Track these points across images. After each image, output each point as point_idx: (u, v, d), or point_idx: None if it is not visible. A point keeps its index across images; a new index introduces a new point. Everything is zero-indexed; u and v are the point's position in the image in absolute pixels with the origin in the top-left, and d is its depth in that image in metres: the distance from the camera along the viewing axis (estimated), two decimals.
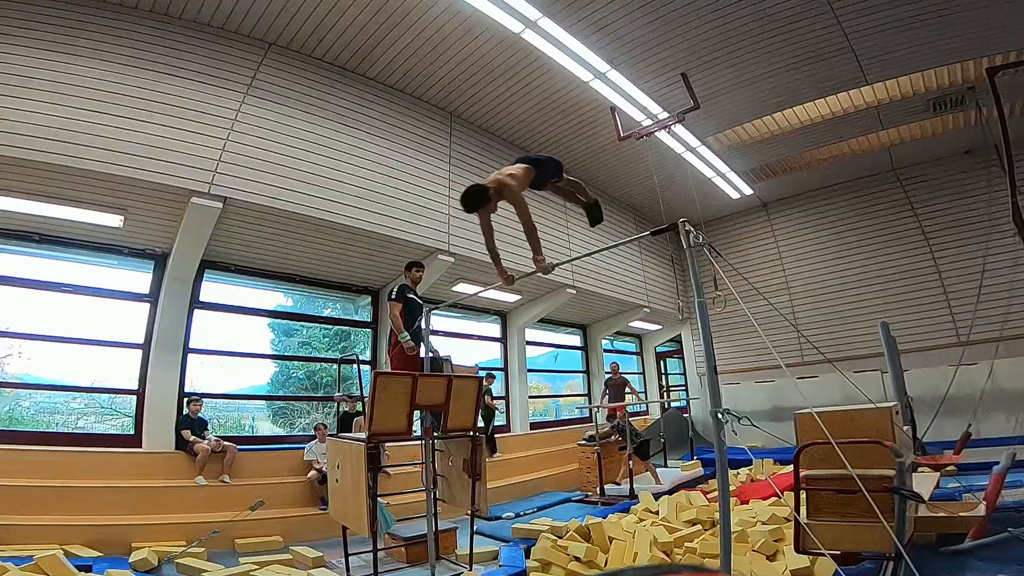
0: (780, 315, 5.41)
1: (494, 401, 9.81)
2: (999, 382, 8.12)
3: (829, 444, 3.29)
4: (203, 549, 5.10)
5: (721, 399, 2.99)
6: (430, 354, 5.42)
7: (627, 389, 10.96)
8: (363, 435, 4.49)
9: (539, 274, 4.40)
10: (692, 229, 3.14)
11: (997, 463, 4.78)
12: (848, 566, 3.72)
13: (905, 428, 3.84)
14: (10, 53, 5.22)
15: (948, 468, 6.41)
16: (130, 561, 4.58)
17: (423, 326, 5.51)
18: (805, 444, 3.47)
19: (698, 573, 0.63)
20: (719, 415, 2.88)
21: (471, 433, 4.99)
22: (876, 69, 7.91)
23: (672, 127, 8.38)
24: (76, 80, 5.49)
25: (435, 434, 4.97)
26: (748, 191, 11.99)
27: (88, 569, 4.04)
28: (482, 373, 7.63)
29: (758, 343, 12.40)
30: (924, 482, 4.91)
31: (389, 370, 5.42)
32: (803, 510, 3.48)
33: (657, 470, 9.72)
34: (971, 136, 9.82)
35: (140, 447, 6.26)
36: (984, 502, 4.37)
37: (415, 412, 4.67)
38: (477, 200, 4.03)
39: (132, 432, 6.47)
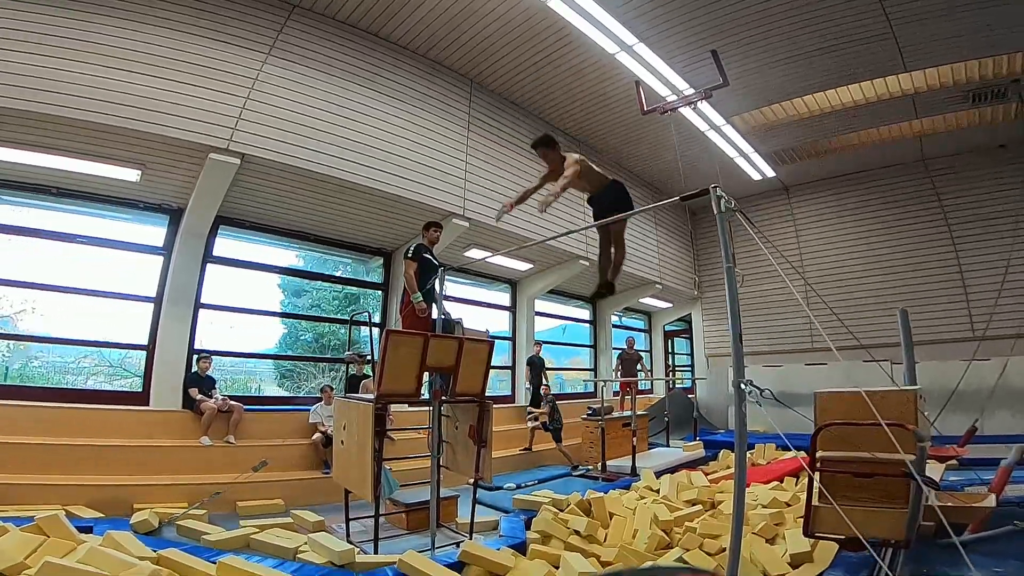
0: (819, 297, 5.32)
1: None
2: (1009, 380, 8.03)
3: (847, 425, 3.24)
4: (204, 511, 5.12)
5: (744, 371, 2.93)
6: (442, 316, 5.37)
7: (639, 366, 11.00)
8: (371, 396, 4.49)
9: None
10: (724, 194, 3.05)
11: (1000, 459, 4.76)
12: (853, 551, 3.73)
13: (926, 415, 3.79)
14: (30, 11, 5.18)
15: (950, 462, 6.40)
16: (131, 522, 4.58)
17: (437, 288, 5.46)
18: (825, 423, 3.41)
19: (696, 574, 0.62)
20: (742, 386, 2.82)
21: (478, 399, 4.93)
22: (916, 56, 7.67)
23: (697, 104, 8.20)
24: (97, 36, 5.46)
25: (443, 397, 4.94)
26: (770, 173, 11.81)
27: (89, 530, 4.00)
28: (493, 335, 7.70)
29: (768, 326, 12.39)
30: (930, 472, 4.89)
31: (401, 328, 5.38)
32: (814, 493, 3.45)
33: (659, 450, 9.82)
34: (1008, 130, 9.58)
35: (147, 405, 6.33)
36: (992, 494, 4.35)
37: (424, 374, 4.63)
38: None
39: (140, 390, 6.54)
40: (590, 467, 8.52)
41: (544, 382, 9.81)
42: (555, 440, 8.86)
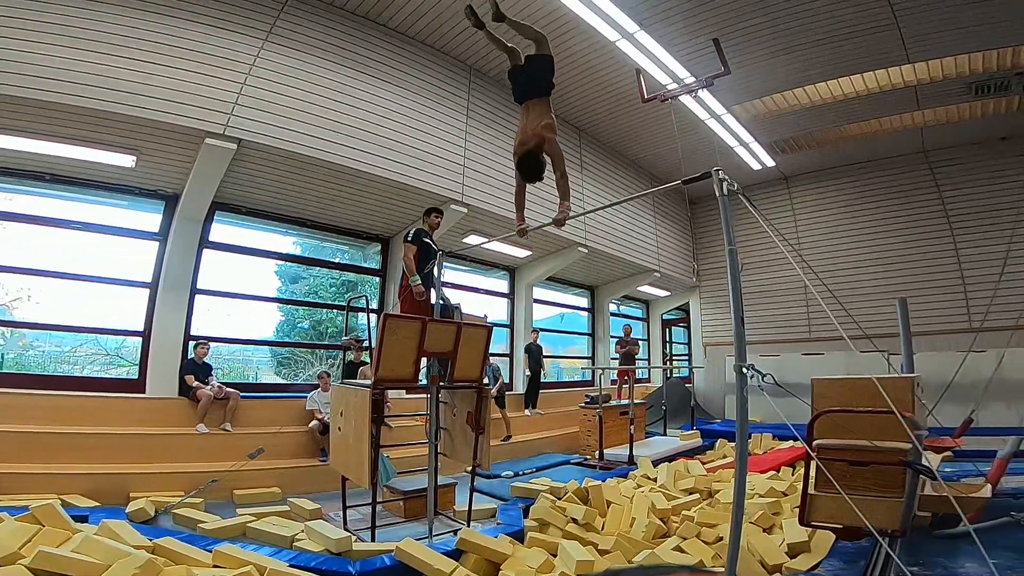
0: (822, 283, 5.29)
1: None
2: (1005, 371, 8.04)
3: (844, 412, 3.22)
4: (201, 500, 5.10)
5: (746, 355, 2.90)
6: (440, 301, 5.34)
7: (636, 353, 11.09)
8: (369, 381, 4.47)
9: (554, 226, 4.50)
10: (727, 177, 3.02)
11: (995, 451, 4.77)
12: (849, 541, 3.73)
13: (924, 403, 3.78)
14: None
15: (945, 453, 6.42)
16: (127, 511, 4.56)
17: (435, 272, 5.43)
18: (823, 410, 3.39)
19: (693, 574, 0.60)
20: (744, 370, 2.79)
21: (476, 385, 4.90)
22: (920, 48, 7.63)
23: (698, 92, 8.14)
24: (91, 21, 5.38)
25: (441, 383, 4.91)
26: (770, 163, 11.77)
27: (84, 519, 4.00)
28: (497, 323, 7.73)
29: (765, 317, 12.42)
30: (927, 463, 4.90)
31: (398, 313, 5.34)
32: (810, 482, 3.44)
33: (656, 439, 9.82)
34: (1010, 122, 9.59)
35: (144, 393, 6.30)
36: (988, 485, 4.37)
37: (422, 359, 4.59)
38: (536, 168, 4.27)
39: (136, 377, 6.50)
40: (587, 456, 8.56)
41: (542, 369, 9.89)
42: (499, 407, 8.86)
